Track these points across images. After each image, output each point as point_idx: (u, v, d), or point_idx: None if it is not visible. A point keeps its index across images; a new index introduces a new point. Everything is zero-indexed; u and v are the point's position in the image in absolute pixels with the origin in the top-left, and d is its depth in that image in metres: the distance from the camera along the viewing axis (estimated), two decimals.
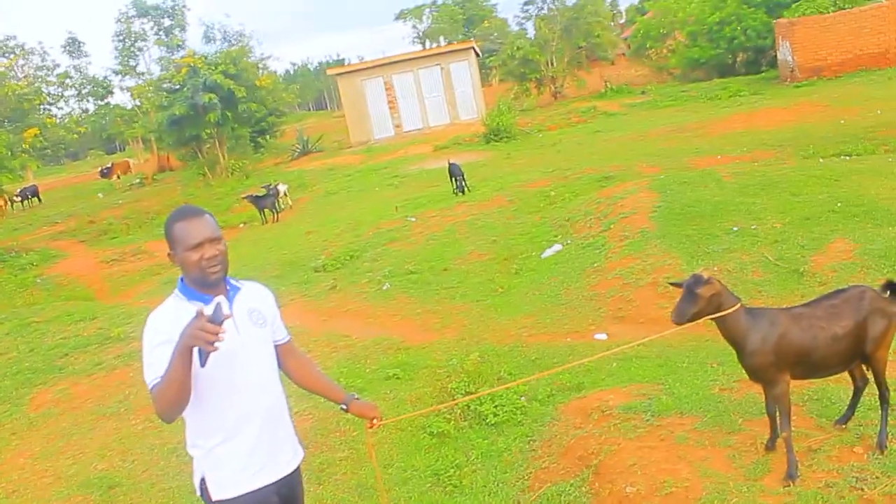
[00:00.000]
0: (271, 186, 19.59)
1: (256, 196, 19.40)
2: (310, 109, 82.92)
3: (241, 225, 19.81)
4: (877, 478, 3.83)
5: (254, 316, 3.12)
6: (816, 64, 24.67)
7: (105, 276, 16.06)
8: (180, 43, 29.15)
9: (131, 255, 17.60)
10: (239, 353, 2.99)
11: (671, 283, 4.35)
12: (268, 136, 36.15)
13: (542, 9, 36.93)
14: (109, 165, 34.81)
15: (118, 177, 33.25)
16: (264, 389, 3.10)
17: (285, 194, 20.36)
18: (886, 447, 4.06)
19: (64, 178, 48.12)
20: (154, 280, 14.72)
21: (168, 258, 3.02)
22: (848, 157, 12.45)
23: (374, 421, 3.33)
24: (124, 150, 58.77)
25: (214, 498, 3.01)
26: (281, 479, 3.12)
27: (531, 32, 37.48)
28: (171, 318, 2.91)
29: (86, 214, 24.73)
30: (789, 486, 3.88)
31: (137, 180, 32.60)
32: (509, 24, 54.63)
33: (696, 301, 3.86)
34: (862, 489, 3.75)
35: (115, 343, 9.40)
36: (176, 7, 29.06)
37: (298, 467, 3.27)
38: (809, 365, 4.04)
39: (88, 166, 51.90)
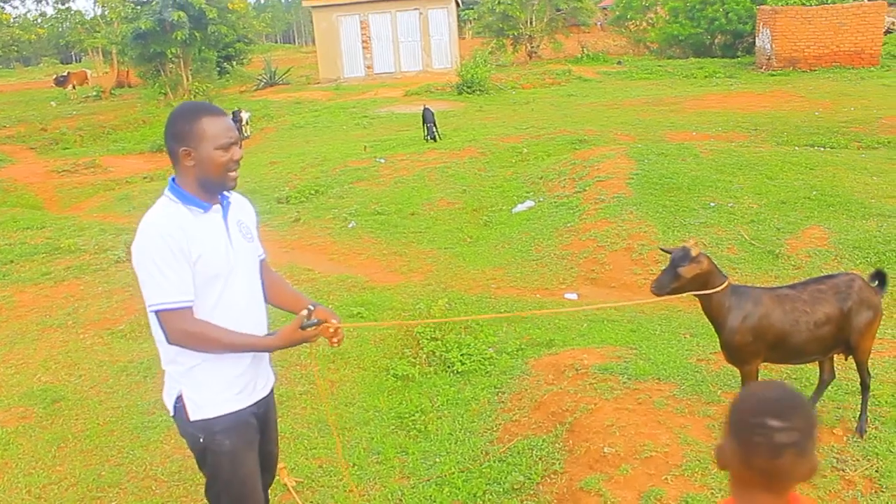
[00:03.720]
0: (236, 112, 18.99)
1: None
2: (277, 42, 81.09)
3: None
4: (857, 460, 3.80)
5: (243, 229, 2.93)
6: (793, 55, 24.74)
7: (55, 187, 15.42)
8: None
9: (84, 167, 16.88)
10: (233, 270, 2.81)
11: (661, 249, 4.23)
12: (234, 63, 35.01)
13: None
14: (66, 74, 33.34)
15: (74, 87, 31.92)
16: (254, 307, 2.94)
17: (247, 122, 19.76)
18: (866, 431, 4.03)
19: (13, 83, 46.26)
20: (108, 195, 14.17)
21: (180, 154, 2.69)
22: (822, 149, 12.50)
23: (334, 322, 2.90)
24: (80, 60, 56.68)
25: (193, 417, 2.83)
26: (259, 401, 2.99)
27: None
28: (171, 222, 2.68)
29: (37, 122, 23.66)
30: None
31: (94, 93, 31.37)
32: None
33: (677, 278, 3.75)
34: (843, 470, 3.72)
35: (65, 254, 9.04)
36: None
37: (272, 390, 3.13)
38: (788, 349, 3.95)
39: (41, 73, 49.90)
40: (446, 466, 4.48)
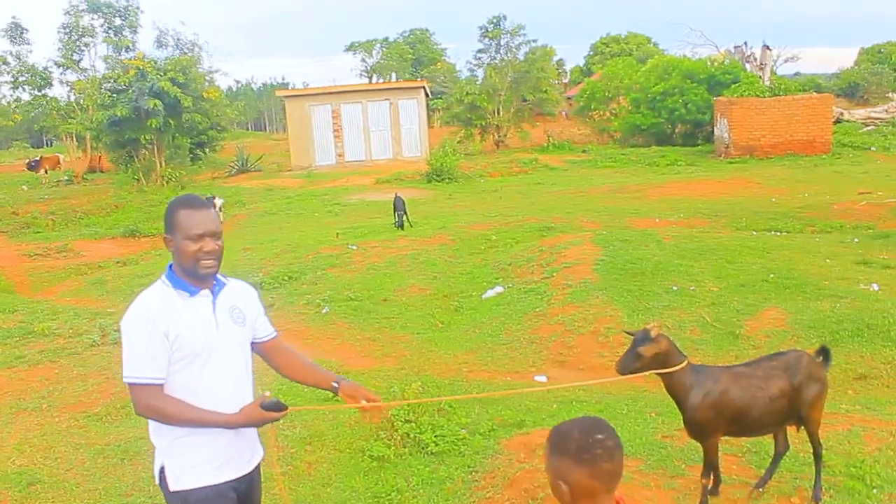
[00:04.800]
0: (209, 198, 19.25)
1: None
2: (248, 129, 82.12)
3: None
4: None
5: (234, 313, 3.14)
6: (750, 143, 25.83)
7: (27, 271, 15.45)
8: (129, 45, 28.48)
9: (56, 251, 16.96)
10: (216, 350, 3.03)
11: (626, 332, 4.50)
12: (207, 150, 35.58)
13: (495, 59, 37.65)
14: (38, 158, 33.56)
15: (46, 171, 32.11)
16: (236, 387, 3.11)
17: (220, 209, 20.01)
18: (821, 499, 4.27)
19: None
20: (80, 279, 14.24)
21: (164, 242, 3.04)
22: (778, 233, 13.06)
23: (365, 403, 3.15)
24: (52, 144, 56.91)
25: (172, 488, 3.01)
26: (241, 476, 3.12)
27: (480, 80, 38.15)
28: (157, 305, 2.96)
29: (8, 205, 23.80)
30: None
31: (66, 177, 31.57)
32: (457, 69, 55.57)
33: (638, 358, 4.02)
34: None
35: (39, 338, 9.07)
36: (129, 8, 28.41)
37: (258, 466, 3.27)
38: (746, 423, 4.22)
39: (12, 157, 50.09)
40: None
